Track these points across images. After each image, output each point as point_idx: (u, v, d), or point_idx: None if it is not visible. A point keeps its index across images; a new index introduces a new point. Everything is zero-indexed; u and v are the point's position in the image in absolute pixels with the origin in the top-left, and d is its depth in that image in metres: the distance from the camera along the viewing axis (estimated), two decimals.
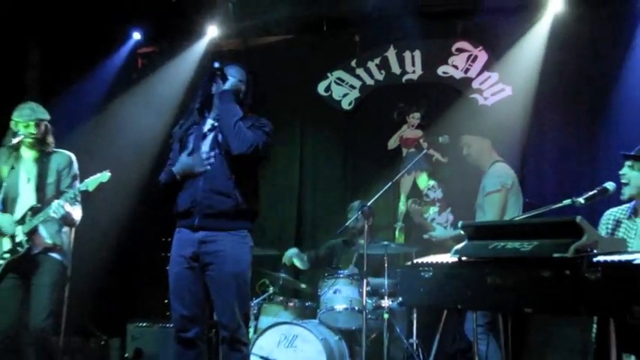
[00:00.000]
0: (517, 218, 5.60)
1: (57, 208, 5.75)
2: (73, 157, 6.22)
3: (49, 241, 5.93)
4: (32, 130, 5.98)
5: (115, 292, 9.23)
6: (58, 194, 5.94)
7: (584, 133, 8.24)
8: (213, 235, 4.91)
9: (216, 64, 5.11)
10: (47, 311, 5.81)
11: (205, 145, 5.05)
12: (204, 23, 9.22)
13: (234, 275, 4.90)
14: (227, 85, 5.07)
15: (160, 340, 7.75)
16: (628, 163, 4.94)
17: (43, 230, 5.91)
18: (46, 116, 6.11)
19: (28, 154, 6.07)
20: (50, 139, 6.12)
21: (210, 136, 5.07)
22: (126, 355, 7.90)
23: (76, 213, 6.04)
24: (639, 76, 7.79)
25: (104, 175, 5.98)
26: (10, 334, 5.85)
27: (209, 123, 5.14)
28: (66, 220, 5.96)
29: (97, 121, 8.82)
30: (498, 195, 6.35)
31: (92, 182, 5.93)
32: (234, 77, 5.13)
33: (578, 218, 3.89)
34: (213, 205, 4.91)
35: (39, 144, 6.05)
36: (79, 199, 6.05)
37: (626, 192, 4.96)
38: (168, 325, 7.68)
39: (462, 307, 4.71)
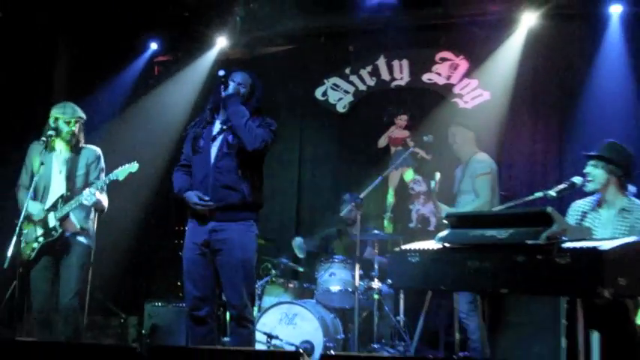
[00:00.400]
0: (494, 209, 5.61)
1: (89, 195, 5.78)
2: (100, 152, 6.24)
3: (78, 225, 5.94)
4: (72, 127, 6.03)
5: (134, 275, 9.24)
6: (87, 185, 5.95)
7: (553, 133, 8.26)
8: (223, 225, 4.93)
9: (220, 73, 5.10)
10: (75, 290, 5.85)
11: (215, 147, 5.04)
12: (215, 35, 9.20)
13: (241, 260, 4.92)
14: (230, 90, 5.05)
15: (174, 318, 7.74)
16: (592, 162, 4.95)
17: (73, 216, 5.92)
18: (84, 116, 6.15)
19: (61, 148, 6.06)
20: (82, 137, 6.15)
21: (219, 138, 5.06)
22: (143, 331, 7.89)
23: (104, 200, 6.06)
24: (603, 84, 7.82)
25: (133, 166, 5.98)
26: (44, 311, 5.87)
27: (218, 125, 5.13)
28: (97, 206, 6.01)
29: (118, 121, 8.82)
30: (489, 177, 6.39)
31: (122, 172, 5.94)
32: (234, 82, 5.11)
33: (549, 209, 3.91)
34: (222, 198, 4.91)
35: (73, 140, 6.06)
36: (105, 188, 6.05)
37: (590, 187, 4.96)
38: (181, 304, 7.67)
39: (445, 288, 4.70)
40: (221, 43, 9.27)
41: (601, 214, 4.93)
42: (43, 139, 5.89)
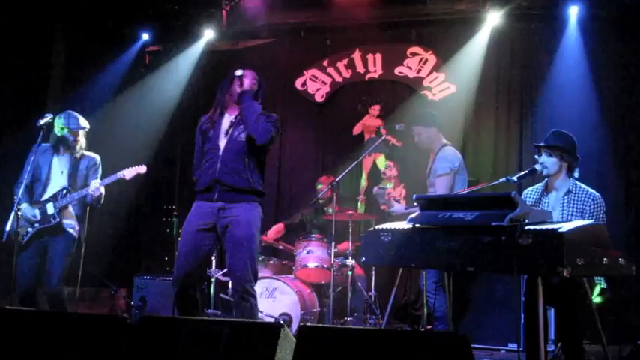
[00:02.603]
0: (462, 192, 5.58)
1: (96, 189, 5.85)
2: (99, 159, 6.17)
3: (72, 220, 5.94)
4: (78, 137, 5.99)
5: (124, 251, 9.18)
6: (86, 186, 5.97)
7: (514, 123, 8.29)
8: (230, 205, 4.85)
9: (238, 72, 5.02)
10: (60, 276, 5.82)
11: (224, 140, 4.93)
12: (202, 27, 9.12)
13: (246, 237, 4.83)
14: (245, 87, 4.99)
15: (161, 290, 7.67)
16: (545, 151, 4.93)
17: (71, 207, 5.94)
18: (88, 126, 6.08)
19: (64, 153, 6.01)
20: (84, 143, 6.08)
21: (229, 132, 4.96)
22: (132, 302, 7.83)
23: (103, 195, 6.06)
24: (561, 79, 7.88)
25: (142, 168, 6.08)
26: (27, 294, 5.80)
27: (228, 120, 5.03)
28: (99, 198, 5.98)
29: (111, 106, 8.69)
30: (447, 177, 6.27)
31: (129, 172, 6.01)
32: (250, 80, 5.06)
33: (513, 193, 3.91)
34: (229, 183, 4.85)
35: (77, 147, 6.01)
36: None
37: (545, 172, 4.94)
38: (167, 278, 7.64)
39: (416, 266, 4.70)
40: (208, 35, 9.18)
41: (549, 198, 4.93)
42: (52, 143, 5.90)
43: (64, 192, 5.88)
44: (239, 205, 4.86)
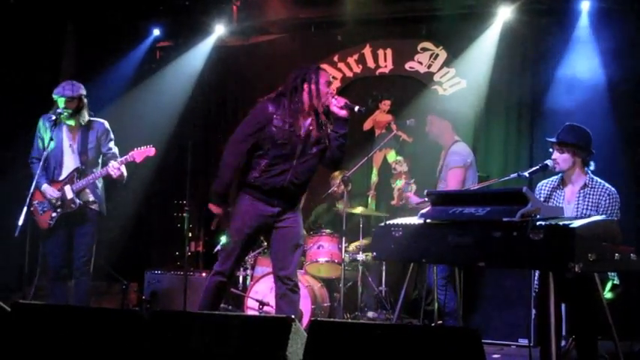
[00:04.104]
0: (473, 188, 5.57)
1: (115, 169, 5.86)
2: (107, 124, 6.18)
3: (91, 196, 6.01)
4: (64, 104, 5.88)
5: (135, 245, 9.21)
6: (99, 156, 6.05)
7: (525, 118, 8.27)
8: (287, 209, 4.95)
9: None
10: (87, 256, 5.96)
11: (301, 147, 4.85)
12: (213, 23, 9.15)
13: (301, 237, 5.03)
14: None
15: (171, 285, 7.71)
16: (557, 147, 4.92)
17: (88, 188, 5.98)
18: (79, 92, 5.96)
19: (69, 125, 6.00)
20: (84, 112, 6.03)
21: (310, 140, 4.90)
22: (143, 297, 7.86)
23: (125, 172, 6.04)
24: (572, 74, 7.79)
25: (150, 150, 6.08)
26: (60, 270, 5.96)
27: (305, 127, 4.88)
28: (121, 177, 5.96)
29: (122, 102, 8.72)
30: (460, 170, 6.29)
31: (138, 154, 6.01)
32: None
33: (524, 189, 3.91)
34: (292, 194, 4.94)
35: (75, 115, 5.96)
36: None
37: (558, 169, 4.92)
38: (178, 272, 7.70)
39: (426, 261, 4.69)
40: (219, 30, 9.22)
41: (565, 192, 4.92)
42: (53, 117, 5.84)
43: (79, 173, 5.92)
44: (295, 209, 4.99)
